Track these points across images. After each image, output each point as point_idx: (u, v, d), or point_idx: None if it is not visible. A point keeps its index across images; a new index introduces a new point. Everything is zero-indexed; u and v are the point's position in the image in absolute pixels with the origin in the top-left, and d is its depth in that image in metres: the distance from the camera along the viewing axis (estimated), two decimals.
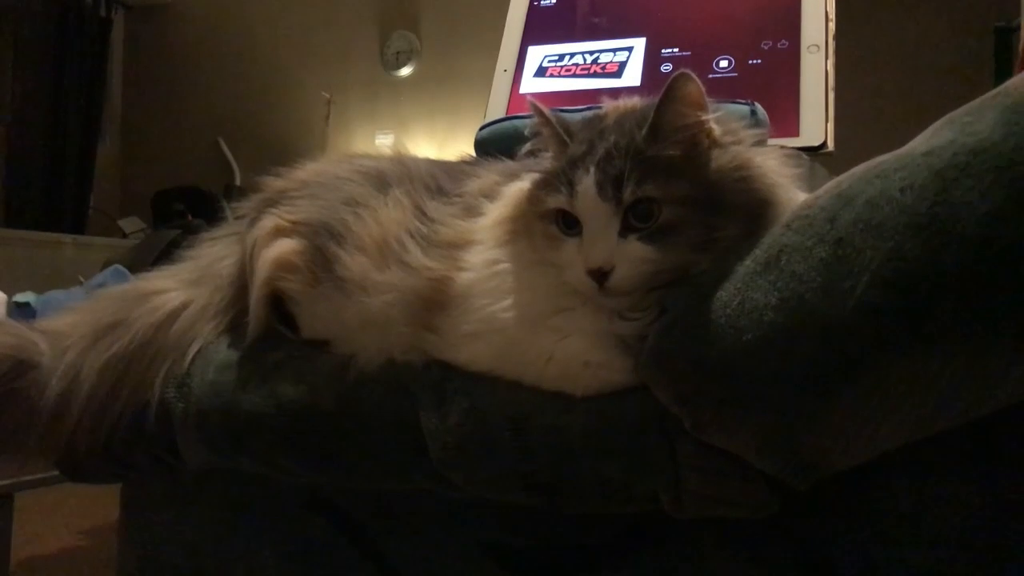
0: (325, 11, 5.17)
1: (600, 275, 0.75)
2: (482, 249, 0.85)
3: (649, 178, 0.75)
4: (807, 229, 0.68)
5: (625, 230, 0.76)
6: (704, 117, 0.77)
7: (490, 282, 0.83)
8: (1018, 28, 2.46)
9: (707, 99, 0.77)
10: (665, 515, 0.75)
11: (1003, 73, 2.60)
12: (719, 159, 0.77)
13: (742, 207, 0.75)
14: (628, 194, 0.75)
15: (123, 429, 0.95)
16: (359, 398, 0.87)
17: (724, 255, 0.74)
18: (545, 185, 0.81)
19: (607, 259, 0.75)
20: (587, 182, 0.76)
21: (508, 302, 0.81)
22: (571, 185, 0.77)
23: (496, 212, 0.87)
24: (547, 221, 0.80)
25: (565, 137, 0.82)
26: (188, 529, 1.07)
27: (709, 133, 0.78)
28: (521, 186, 0.87)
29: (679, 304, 0.74)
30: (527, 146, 0.89)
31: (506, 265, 0.83)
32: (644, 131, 0.76)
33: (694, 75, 0.75)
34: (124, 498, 1.13)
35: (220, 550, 1.04)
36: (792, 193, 0.79)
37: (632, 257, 0.75)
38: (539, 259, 0.81)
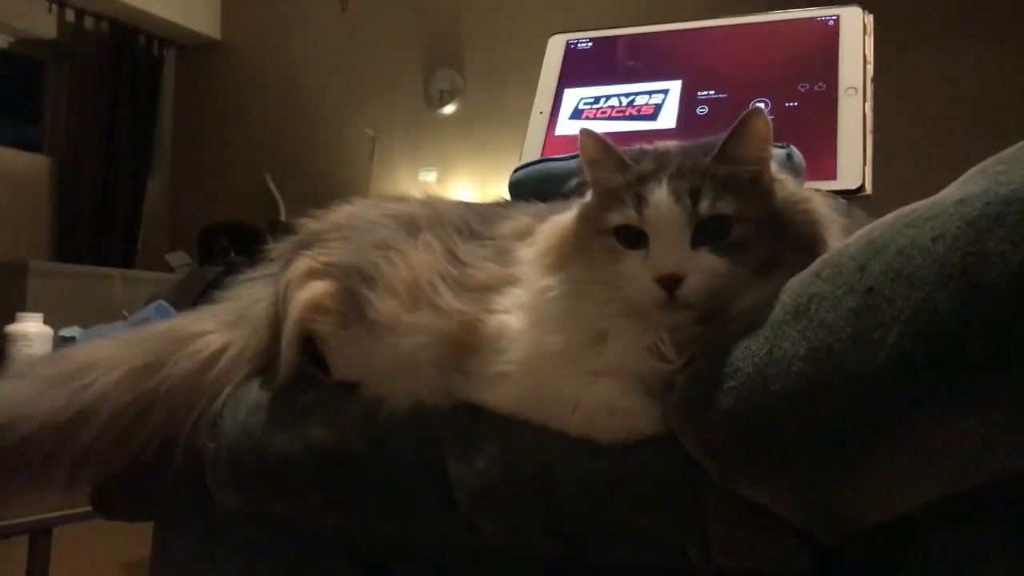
0: (370, 50, 5.28)
1: (671, 283, 0.75)
2: (529, 282, 0.85)
3: (724, 196, 0.76)
4: (837, 278, 0.67)
5: (695, 243, 0.76)
6: (769, 152, 0.80)
7: (538, 312, 0.83)
8: None
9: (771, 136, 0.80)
10: (691, 567, 0.73)
11: None
12: (780, 191, 0.80)
13: (799, 240, 0.77)
14: (705, 208, 0.76)
15: (154, 468, 0.96)
16: (388, 441, 0.87)
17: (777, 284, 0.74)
18: (605, 203, 0.81)
19: (680, 266, 0.75)
20: (660, 193, 0.77)
21: (546, 338, 0.81)
22: (640, 199, 0.78)
23: (540, 244, 0.87)
24: (607, 237, 0.80)
25: (627, 160, 0.81)
26: (219, 566, 1.07)
27: (769, 168, 0.80)
28: (562, 218, 0.87)
29: (708, 352, 0.73)
30: (572, 182, 0.88)
31: (560, 290, 0.83)
32: (711, 156, 0.78)
33: (765, 112, 0.77)
34: (156, 532, 1.14)
35: None
36: (836, 240, 0.79)
37: (705, 267, 0.75)
38: (595, 277, 0.81)
